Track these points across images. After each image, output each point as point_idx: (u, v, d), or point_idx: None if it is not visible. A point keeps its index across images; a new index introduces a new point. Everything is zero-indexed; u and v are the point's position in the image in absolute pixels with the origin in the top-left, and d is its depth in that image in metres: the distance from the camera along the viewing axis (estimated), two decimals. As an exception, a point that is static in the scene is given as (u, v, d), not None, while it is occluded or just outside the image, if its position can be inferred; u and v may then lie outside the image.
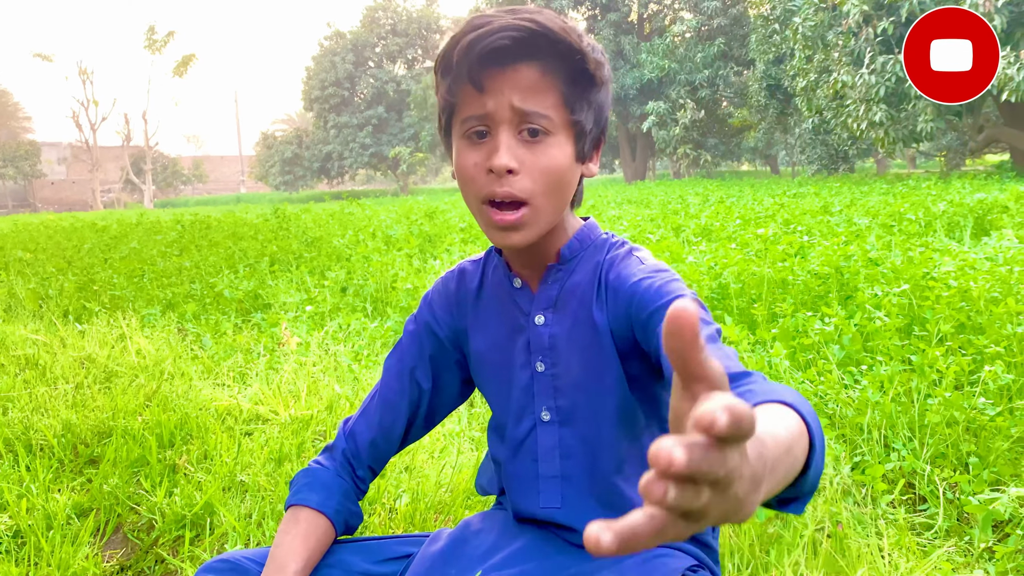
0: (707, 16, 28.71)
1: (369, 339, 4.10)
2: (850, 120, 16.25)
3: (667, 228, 7.58)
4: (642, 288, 0.99)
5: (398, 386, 1.19)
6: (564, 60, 0.95)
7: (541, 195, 0.97)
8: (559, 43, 0.94)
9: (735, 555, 1.83)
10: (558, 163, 0.98)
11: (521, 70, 0.95)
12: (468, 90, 0.96)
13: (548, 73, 0.96)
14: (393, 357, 1.21)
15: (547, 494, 1.08)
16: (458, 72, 0.96)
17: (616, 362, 1.04)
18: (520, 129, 0.96)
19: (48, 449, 2.73)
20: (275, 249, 7.65)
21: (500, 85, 0.95)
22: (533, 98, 0.95)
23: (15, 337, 4.46)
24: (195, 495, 2.24)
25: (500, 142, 0.95)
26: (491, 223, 0.99)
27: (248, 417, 2.97)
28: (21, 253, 9.07)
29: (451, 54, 0.95)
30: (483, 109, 0.96)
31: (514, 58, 0.94)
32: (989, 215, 7.08)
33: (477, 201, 0.99)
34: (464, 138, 0.99)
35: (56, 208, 46.83)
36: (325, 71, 41.44)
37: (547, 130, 0.96)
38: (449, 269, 1.24)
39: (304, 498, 1.13)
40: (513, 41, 0.92)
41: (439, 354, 1.19)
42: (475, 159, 0.98)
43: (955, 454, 2.33)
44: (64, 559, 1.96)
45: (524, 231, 0.99)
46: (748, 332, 3.44)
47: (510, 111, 0.95)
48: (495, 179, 0.96)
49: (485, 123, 0.96)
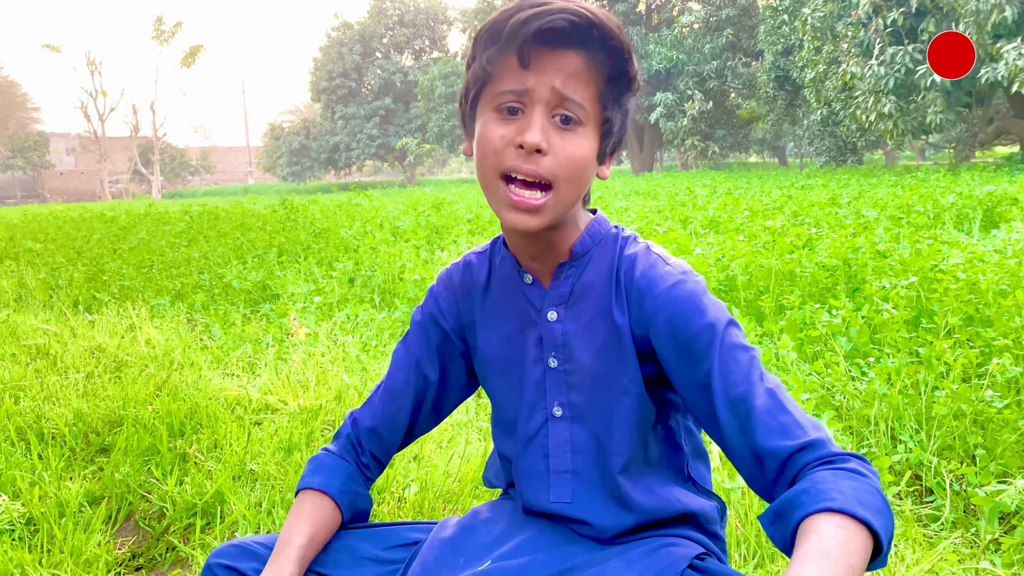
0: (715, 7, 28.57)
1: (377, 330, 4.12)
2: (859, 112, 16.18)
3: (675, 220, 7.56)
4: (692, 332, 0.98)
5: (404, 377, 1.19)
6: (610, 56, 0.96)
7: (564, 181, 0.97)
8: (610, 39, 0.95)
9: (742, 544, 1.85)
10: (584, 154, 0.98)
11: (568, 56, 0.95)
12: (511, 64, 0.96)
13: (592, 65, 0.96)
14: (400, 348, 1.22)
15: (558, 489, 1.09)
16: (507, 43, 0.95)
17: (635, 363, 1.05)
18: (554, 113, 0.96)
19: (60, 438, 2.75)
20: (283, 240, 7.67)
21: (546, 65, 0.95)
22: (574, 85, 0.95)
23: (26, 327, 4.49)
24: (205, 484, 2.26)
25: (535, 120, 0.95)
26: (508, 202, 0.97)
27: (257, 407, 2.99)
28: (31, 243, 9.11)
29: (502, 25, 0.95)
30: (523, 85, 0.95)
31: (566, 43, 0.95)
32: (998, 207, 7.05)
33: (496, 174, 0.98)
34: (495, 111, 0.98)
35: (64, 198, 46.97)
36: (332, 62, 41.43)
37: (580, 120, 0.97)
38: (454, 261, 1.23)
39: (308, 481, 1.15)
40: (571, 25, 0.93)
41: (445, 346, 1.19)
42: (503, 132, 0.97)
43: (962, 446, 2.33)
44: (76, 546, 1.98)
45: (542, 216, 0.98)
46: (756, 324, 3.44)
47: (550, 92, 0.95)
48: (522, 155, 0.95)
49: (521, 100, 0.96)
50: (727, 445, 0.96)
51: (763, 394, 0.94)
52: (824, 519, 0.80)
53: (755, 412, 0.92)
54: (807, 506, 0.82)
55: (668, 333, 0.99)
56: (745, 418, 0.93)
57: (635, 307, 1.03)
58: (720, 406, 0.95)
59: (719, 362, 0.96)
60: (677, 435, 1.11)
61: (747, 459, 0.94)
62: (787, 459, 0.90)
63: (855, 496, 0.81)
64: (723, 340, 0.97)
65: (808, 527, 0.80)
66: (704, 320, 0.97)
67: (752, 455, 0.93)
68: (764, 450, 0.91)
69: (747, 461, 0.94)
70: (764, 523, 0.88)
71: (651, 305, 1.01)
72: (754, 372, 0.96)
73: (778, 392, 0.95)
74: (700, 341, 0.97)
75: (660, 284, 1.01)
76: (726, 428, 0.95)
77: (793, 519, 0.83)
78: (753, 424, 0.92)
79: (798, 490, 0.84)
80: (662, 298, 1.00)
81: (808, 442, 0.90)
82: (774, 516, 0.87)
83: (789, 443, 0.90)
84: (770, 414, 0.92)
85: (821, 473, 0.86)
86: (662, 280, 1.01)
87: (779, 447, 0.90)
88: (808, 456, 0.89)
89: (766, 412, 0.92)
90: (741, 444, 0.94)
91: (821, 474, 0.86)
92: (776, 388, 0.95)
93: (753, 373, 0.96)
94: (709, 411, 0.97)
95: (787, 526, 0.84)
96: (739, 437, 0.94)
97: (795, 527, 0.82)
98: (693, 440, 1.13)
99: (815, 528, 0.79)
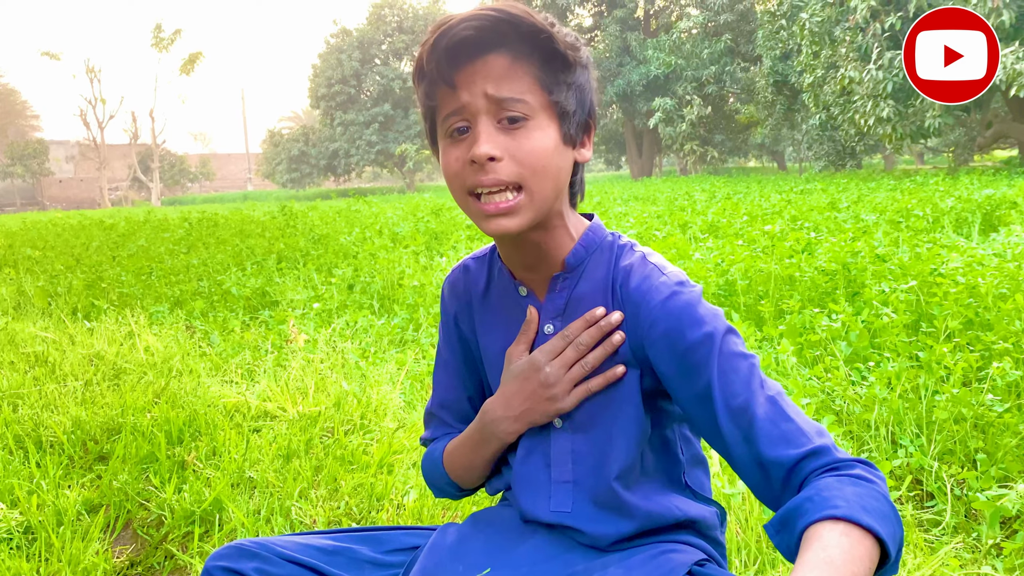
0: (714, 12, 28.62)
1: (376, 336, 4.11)
2: (857, 116, 16.19)
3: (674, 225, 7.56)
4: (690, 343, 0.97)
5: (456, 383, 1.26)
6: (532, 43, 0.96)
7: (531, 178, 0.97)
8: (522, 26, 0.95)
9: (742, 551, 1.84)
10: (542, 145, 0.97)
11: (490, 60, 0.95)
12: (444, 90, 0.98)
13: (519, 59, 0.96)
14: (439, 365, 1.28)
15: (558, 498, 1.09)
16: (430, 73, 0.97)
17: (634, 375, 1.05)
18: (500, 118, 0.96)
19: (58, 446, 2.74)
20: (282, 246, 7.67)
21: (471, 77, 0.95)
22: (506, 85, 0.95)
23: (25, 334, 4.49)
24: (204, 491, 2.25)
25: (480, 132, 0.95)
26: (481, 213, 0.98)
27: (256, 414, 2.98)
28: (30, 251, 9.11)
29: (422, 58, 0.97)
30: (459, 103, 0.96)
31: (481, 49, 0.95)
32: (997, 211, 7.05)
33: (463, 194, 0.99)
34: (447, 137, 0.99)
35: (64, 206, 47.01)
36: (331, 69, 41.45)
37: (526, 115, 0.96)
38: (453, 267, 1.24)
39: None
40: (476, 31, 0.93)
41: (470, 352, 1.24)
42: (456, 154, 0.98)
43: (963, 450, 2.32)
44: (74, 555, 1.97)
45: (519, 216, 0.98)
46: (755, 329, 3.43)
47: (485, 100, 0.95)
48: (479, 169, 0.96)
49: (464, 117, 0.97)
50: (731, 456, 0.95)
51: (764, 402, 0.93)
52: (828, 527, 0.79)
53: (757, 421, 0.92)
54: (811, 514, 0.81)
55: (665, 346, 0.99)
56: (748, 428, 0.92)
57: (630, 319, 1.03)
58: (722, 417, 0.94)
59: (718, 372, 0.95)
60: (674, 444, 1.11)
61: (752, 470, 0.93)
62: (792, 468, 0.90)
63: (860, 503, 0.81)
64: (721, 349, 0.96)
65: (812, 535, 0.79)
66: (701, 331, 0.97)
67: (757, 465, 0.92)
68: (769, 460, 0.91)
69: (752, 472, 0.93)
70: (770, 532, 0.88)
71: (647, 318, 1.01)
72: (754, 380, 0.95)
73: (780, 399, 0.94)
74: (698, 352, 0.96)
75: (655, 296, 1.00)
76: (729, 439, 0.94)
77: (797, 527, 0.83)
78: (756, 434, 0.92)
79: (802, 498, 0.84)
80: (657, 311, 1.00)
81: (813, 449, 0.89)
82: (779, 525, 0.86)
83: (793, 452, 0.90)
84: (772, 423, 0.92)
85: (826, 480, 0.85)
86: (657, 292, 1.01)
87: (783, 456, 0.90)
88: (813, 463, 0.89)
89: (768, 421, 0.92)
90: (745, 454, 0.93)
91: (826, 481, 0.85)
92: (778, 395, 0.95)
93: (753, 381, 0.95)
94: (711, 423, 0.96)
95: (791, 534, 0.84)
96: (743, 447, 0.93)
97: (799, 535, 0.82)
98: (691, 448, 1.13)
99: (819, 536, 0.79)
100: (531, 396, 1.06)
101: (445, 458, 1.21)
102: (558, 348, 1.05)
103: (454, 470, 1.20)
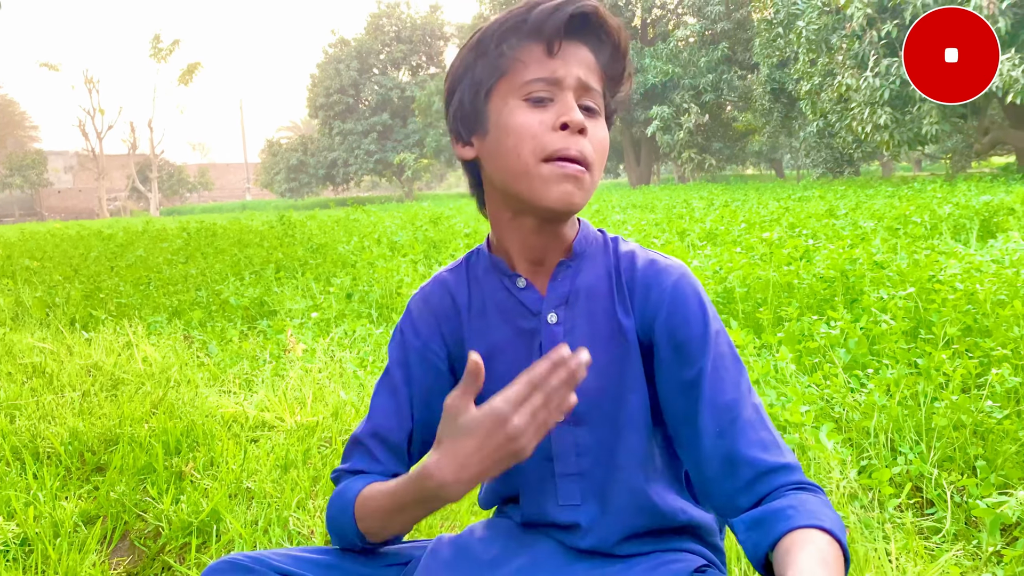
0: (711, 20, 28.71)
1: (374, 345, 4.11)
2: (855, 123, 16.23)
3: (672, 232, 7.57)
4: (691, 332, 1.00)
5: (396, 424, 1.12)
6: (612, 52, 1.00)
7: (596, 166, 0.99)
8: (614, 35, 0.99)
9: (742, 559, 1.83)
10: (607, 139, 1.01)
11: (582, 49, 0.98)
12: (536, 54, 0.97)
13: (598, 59, 1.00)
14: (383, 392, 1.14)
15: (565, 492, 1.07)
16: (533, 33, 0.96)
17: (639, 362, 1.05)
18: (579, 103, 0.98)
19: (55, 457, 2.74)
20: (280, 256, 7.67)
21: (570, 55, 0.97)
22: (593, 77, 0.99)
23: (22, 345, 4.48)
24: (201, 502, 2.24)
25: (572, 104, 0.96)
26: (558, 175, 0.95)
27: (254, 424, 2.98)
28: (28, 262, 9.10)
29: (524, 16, 0.96)
30: (552, 73, 0.96)
31: (584, 34, 0.98)
32: (995, 217, 7.06)
33: (536, 160, 0.96)
34: (523, 100, 0.97)
35: (62, 216, 47.02)
36: (330, 78, 41.59)
37: (598, 110, 1.00)
38: (422, 285, 1.18)
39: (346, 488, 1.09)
40: (594, 12, 0.96)
41: (437, 384, 1.12)
42: (541, 117, 0.96)
43: (962, 457, 2.32)
44: (71, 566, 1.96)
45: (584, 193, 0.98)
46: (754, 336, 3.43)
47: (576, 81, 0.97)
48: (567, 137, 0.95)
49: (551, 88, 0.97)
50: (697, 445, 0.98)
51: (750, 407, 0.98)
52: (818, 534, 0.84)
53: (740, 421, 0.96)
54: (796, 520, 0.86)
55: (666, 327, 1.02)
56: (728, 424, 0.96)
57: (640, 301, 1.05)
58: (705, 409, 0.97)
59: (712, 367, 0.98)
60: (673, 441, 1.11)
61: (716, 463, 0.96)
62: (763, 474, 0.94)
63: (838, 525, 0.87)
64: (718, 346, 1.00)
65: (803, 537, 0.84)
66: (703, 322, 1.01)
67: (726, 460, 0.96)
68: (743, 457, 0.94)
69: (716, 465, 0.96)
70: (738, 527, 0.92)
71: (657, 297, 1.03)
72: (743, 383, 1.00)
73: (761, 410, 0.99)
74: (697, 342, 1.00)
75: (666, 278, 1.04)
76: (704, 430, 0.97)
77: (779, 529, 0.87)
78: (736, 432, 0.96)
79: (784, 505, 0.89)
80: (669, 292, 1.03)
81: (786, 464, 0.95)
82: (752, 523, 0.90)
83: (769, 459, 0.94)
84: (754, 427, 0.96)
85: (805, 496, 0.91)
86: (667, 274, 1.04)
87: (758, 459, 0.94)
88: (785, 478, 0.94)
89: (750, 424, 0.96)
90: (714, 447, 0.96)
91: (806, 496, 0.90)
92: (760, 406, 0.99)
93: (742, 384, 0.99)
94: (689, 412, 0.99)
95: (768, 534, 0.87)
96: (714, 440, 0.96)
97: (779, 537, 0.86)
98: None
99: (811, 539, 0.83)
100: (493, 453, 0.88)
101: (358, 506, 1.05)
102: (523, 394, 0.87)
103: (367, 523, 1.04)
